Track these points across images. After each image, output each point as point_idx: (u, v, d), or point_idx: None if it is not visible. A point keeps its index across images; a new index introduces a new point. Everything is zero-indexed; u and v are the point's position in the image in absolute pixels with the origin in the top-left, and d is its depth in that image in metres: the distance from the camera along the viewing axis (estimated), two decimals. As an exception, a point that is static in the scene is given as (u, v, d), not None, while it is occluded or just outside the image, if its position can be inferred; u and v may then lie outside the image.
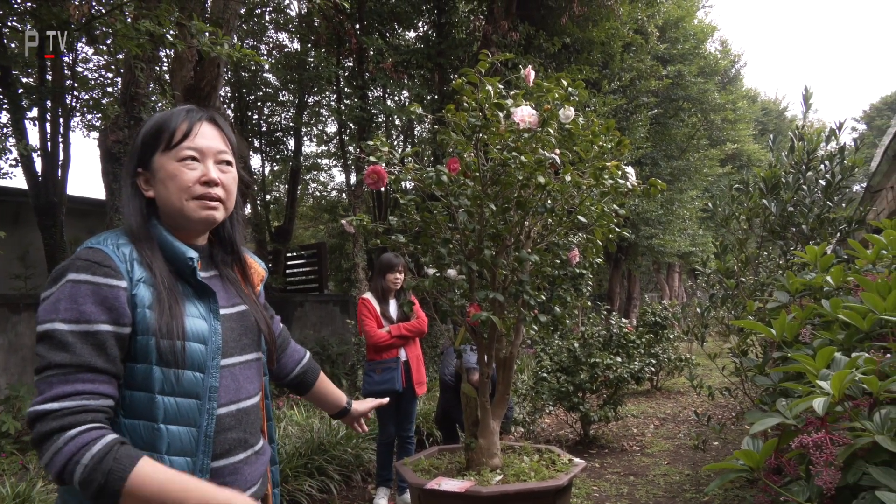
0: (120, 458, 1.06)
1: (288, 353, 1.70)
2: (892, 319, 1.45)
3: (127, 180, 1.32)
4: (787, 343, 1.92)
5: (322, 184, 18.27)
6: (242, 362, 1.34)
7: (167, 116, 1.32)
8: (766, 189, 4.09)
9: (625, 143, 2.91)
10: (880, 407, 1.31)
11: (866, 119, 42.86)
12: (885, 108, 39.47)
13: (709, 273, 4.49)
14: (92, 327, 1.13)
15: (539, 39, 9.33)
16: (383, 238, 2.92)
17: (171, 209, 1.28)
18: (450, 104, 2.80)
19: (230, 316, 1.34)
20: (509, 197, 2.81)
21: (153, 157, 1.29)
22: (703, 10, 18.89)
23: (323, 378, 1.77)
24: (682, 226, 15.88)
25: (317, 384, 1.75)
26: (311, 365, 1.75)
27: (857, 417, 1.31)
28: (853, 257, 2.34)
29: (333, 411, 1.80)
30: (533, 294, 2.86)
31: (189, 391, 1.20)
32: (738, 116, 17.73)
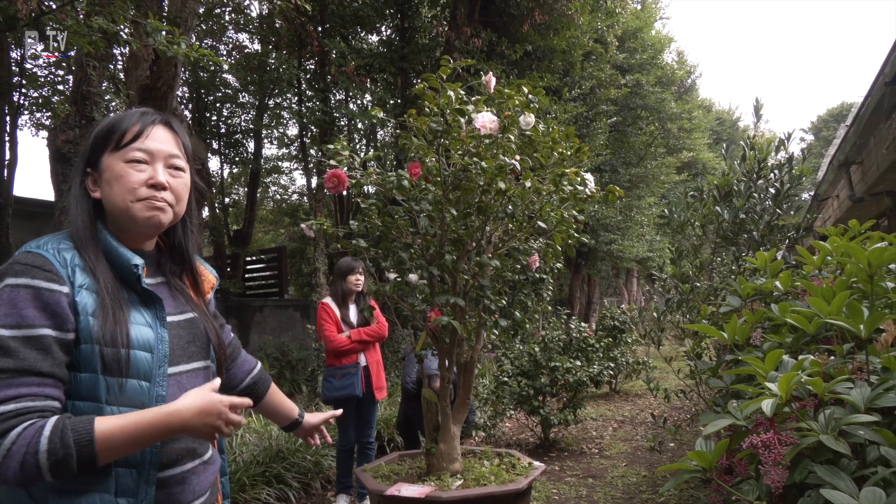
0: (76, 428, 1.05)
1: (238, 363, 1.65)
2: (836, 323, 1.51)
3: (75, 180, 1.28)
4: (739, 346, 1.98)
5: (283, 187, 18.04)
6: (189, 371, 1.31)
7: (121, 117, 1.29)
8: (719, 196, 4.21)
9: (584, 150, 2.96)
10: (825, 408, 1.35)
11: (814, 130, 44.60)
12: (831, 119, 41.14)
13: (665, 278, 4.60)
14: (34, 332, 1.09)
15: (501, 46, 9.42)
16: (344, 242, 2.90)
17: (116, 210, 1.25)
18: (411, 109, 2.80)
19: (177, 323, 1.31)
20: (470, 202, 2.82)
21: (102, 156, 1.26)
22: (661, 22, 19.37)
23: (274, 389, 1.72)
24: (640, 232, 16.22)
25: (268, 395, 1.69)
26: (262, 376, 1.70)
27: (803, 418, 1.36)
28: (801, 263, 2.42)
29: (284, 423, 1.73)
30: (494, 299, 2.88)
31: (133, 400, 1.17)
32: (693, 125, 18.23)
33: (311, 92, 10.14)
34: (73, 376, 1.14)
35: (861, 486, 1.13)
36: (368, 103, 11.32)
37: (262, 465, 4.37)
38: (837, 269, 2.24)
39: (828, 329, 1.75)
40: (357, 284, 4.19)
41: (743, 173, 4.42)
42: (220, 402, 1.17)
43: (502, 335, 3.05)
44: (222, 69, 11.05)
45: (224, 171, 13.99)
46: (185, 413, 1.14)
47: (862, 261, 1.58)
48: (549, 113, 9.41)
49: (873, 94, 7.84)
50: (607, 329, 8.75)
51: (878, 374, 1.45)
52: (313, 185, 10.61)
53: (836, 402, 1.40)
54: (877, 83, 7.59)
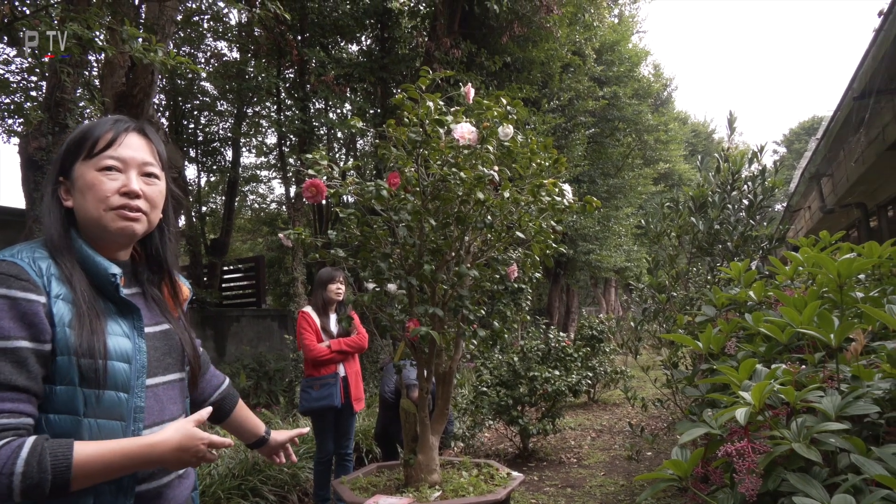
0: (55, 452, 1.04)
1: (207, 378, 1.62)
2: (808, 332, 1.54)
3: (48, 189, 1.26)
4: (714, 355, 2.01)
5: (261, 196, 17.90)
6: (166, 382, 1.29)
7: (94, 124, 1.27)
8: (694, 208, 4.27)
9: (562, 161, 2.99)
10: (797, 416, 1.38)
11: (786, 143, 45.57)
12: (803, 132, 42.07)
13: (642, 288, 4.64)
14: (10, 343, 1.07)
15: (481, 57, 9.48)
16: (322, 252, 2.89)
17: (88, 220, 1.23)
18: (391, 119, 2.80)
19: (154, 335, 1.29)
20: (449, 212, 2.83)
21: (74, 165, 1.24)
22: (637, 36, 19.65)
23: (241, 406, 1.69)
24: (617, 242, 16.37)
25: (234, 412, 1.66)
26: (229, 391, 1.67)
27: (776, 426, 1.37)
28: (774, 273, 2.46)
29: (250, 440, 1.69)
30: (473, 309, 2.88)
31: (112, 412, 1.15)
32: (669, 137, 18.52)
33: (290, 101, 10.10)
34: (48, 389, 1.11)
35: (832, 494, 1.15)
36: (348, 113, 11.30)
37: (237, 479, 4.31)
38: (809, 279, 2.29)
39: (800, 338, 1.78)
40: (338, 294, 4.17)
41: (717, 185, 4.50)
42: (199, 440, 1.17)
43: (481, 345, 3.05)
44: (200, 77, 10.97)
45: (201, 179, 13.87)
46: (164, 447, 1.13)
47: (832, 271, 1.62)
48: (527, 124, 9.49)
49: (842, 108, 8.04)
50: (586, 339, 8.80)
51: (848, 382, 1.48)
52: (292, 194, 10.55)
53: (808, 411, 1.42)
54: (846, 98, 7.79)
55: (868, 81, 6.67)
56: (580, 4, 10.48)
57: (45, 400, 1.11)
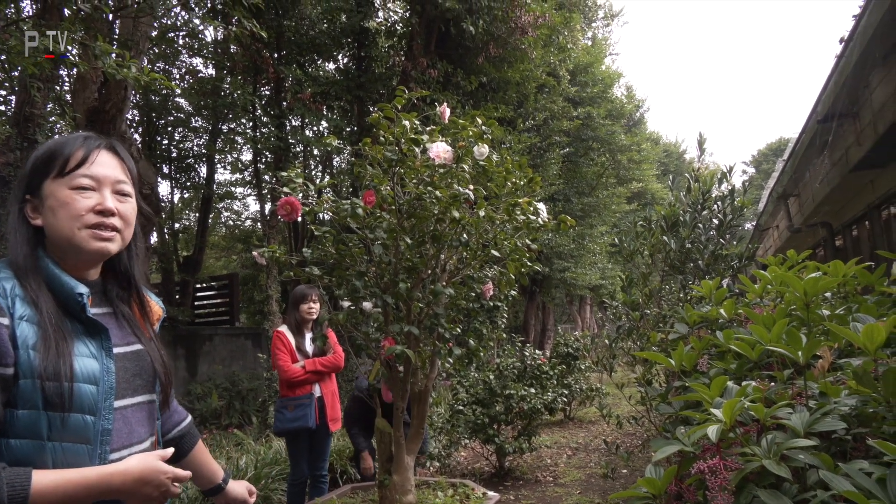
0: (12, 482, 1.00)
1: (168, 413, 1.57)
2: (777, 350, 1.56)
3: (14, 207, 1.23)
4: (686, 372, 2.03)
5: (235, 213, 17.73)
6: (134, 404, 1.26)
7: (62, 142, 1.25)
8: (666, 227, 4.33)
9: (537, 180, 3.02)
10: (767, 433, 1.39)
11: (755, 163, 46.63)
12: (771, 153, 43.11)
13: (616, 305, 4.68)
14: None
15: (457, 77, 9.57)
16: (297, 270, 2.86)
17: (59, 239, 1.21)
18: (367, 137, 2.81)
19: (124, 355, 1.27)
20: (425, 230, 2.83)
21: (43, 183, 1.22)
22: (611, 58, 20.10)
23: (201, 448, 1.63)
24: (592, 260, 16.52)
25: (192, 453, 1.60)
26: (190, 430, 1.62)
27: (747, 443, 1.39)
28: (744, 291, 2.51)
29: (206, 487, 1.62)
30: (448, 327, 2.88)
31: (77, 436, 1.12)
32: (642, 157, 18.83)
33: (266, 118, 10.06)
34: (9, 414, 1.07)
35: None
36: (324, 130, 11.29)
37: (207, 501, 4.20)
38: (777, 297, 2.33)
39: (769, 356, 1.81)
40: (310, 313, 4.10)
41: (688, 204, 4.58)
42: (162, 474, 1.15)
43: (457, 363, 3.04)
44: (175, 93, 10.88)
45: (174, 195, 13.69)
46: (125, 477, 1.11)
47: (798, 290, 1.65)
48: (503, 143, 9.58)
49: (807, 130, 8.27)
50: (561, 356, 8.83)
51: (816, 399, 1.50)
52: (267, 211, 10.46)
53: (778, 427, 1.44)
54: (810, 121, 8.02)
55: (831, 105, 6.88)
56: (554, 27, 10.67)
57: (5, 424, 1.08)
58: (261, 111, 10.14)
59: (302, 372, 3.98)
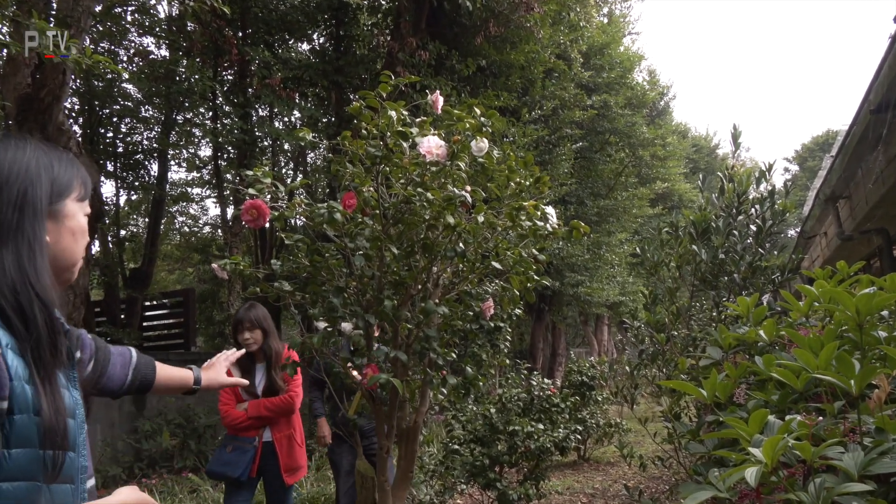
0: None
1: (109, 370, 1.69)
2: (825, 378, 1.57)
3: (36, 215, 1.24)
4: (721, 405, 2.03)
5: (192, 218, 17.71)
6: (87, 431, 1.32)
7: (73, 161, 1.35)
8: (696, 234, 4.35)
9: (545, 179, 3.03)
10: (815, 475, 1.39)
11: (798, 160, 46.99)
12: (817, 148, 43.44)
13: (638, 326, 4.69)
14: None
15: (451, 60, 9.62)
16: (264, 286, 2.86)
17: (66, 264, 1.29)
18: (346, 130, 2.81)
19: None
20: (414, 239, 2.83)
21: (65, 200, 1.28)
22: (630, 38, 20.24)
23: (161, 370, 1.80)
24: (610, 273, 16.56)
25: (156, 382, 1.78)
26: (140, 365, 1.76)
27: (791, 488, 1.39)
28: (786, 309, 2.52)
29: (181, 393, 1.90)
30: (441, 352, 2.87)
31: (65, 475, 1.17)
32: (667, 153, 18.94)
33: (228, 107, 10.08)
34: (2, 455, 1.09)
35: (856, 567, 1.16)
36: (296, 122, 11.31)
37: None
38: (826, 316, 2.34)
39: (817, 385, 1.81)
40: (248, 344, 3.83)
41: (721, 208, 4.60)
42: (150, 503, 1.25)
43: (452, 394, 3.03)
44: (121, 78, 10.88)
45: (120, 197, 13.65)
46: None
47: (850, 308, 1.66)
48: (505, 137, 9.62)
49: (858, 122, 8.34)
50: (574, 386, 8.83)
51: (871, 435, 1.50)
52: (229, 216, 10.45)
53: (828, 469, 1.44)
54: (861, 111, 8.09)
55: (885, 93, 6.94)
56: (564, 2, 10.75)
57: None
58: (222, 99, 10.15)
59: (243, 416, 3.84)
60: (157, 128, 12.60)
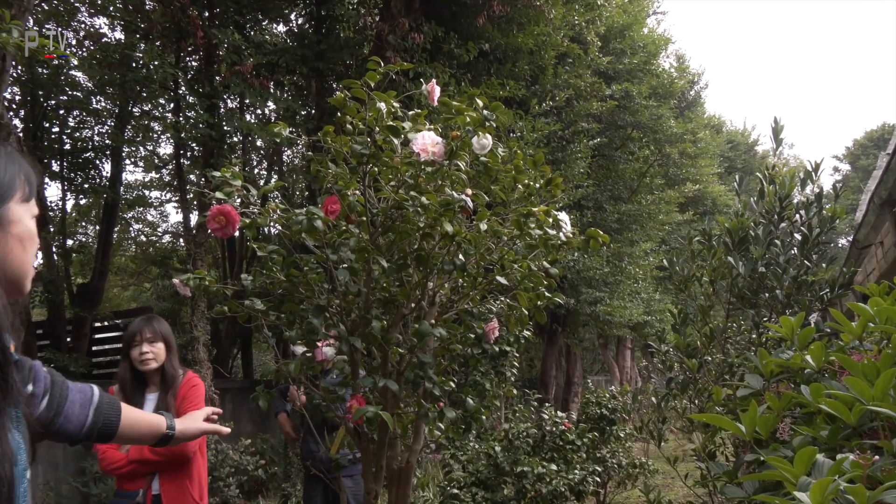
0: None
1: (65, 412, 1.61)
2: (882, 411, 1.56)
3: None
4: (762, 442, 2.02)
5: (150, 225, 17.71)
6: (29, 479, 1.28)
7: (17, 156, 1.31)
8: (732, 244, 4.36)
9: (557, 181, 3.04)
10: (871, 524, 1.39)
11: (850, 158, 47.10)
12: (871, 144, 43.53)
13: (666, 350, 4.68)
14: None
15: (450, 44, 9.66)
16: (233, 304, 2.86)
17: (14, 276, 1.25)
18: (328, 126, 2.82)
19: None
20: (406, 250, 2.83)
21: (8, 203, 1.25)
22: (654, 18, 20.36)
23: (125, 410, 1.73)
24: (633, 288, 16.56)
25: (121, 426, 1.71)
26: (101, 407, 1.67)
27: (844, 539, 1.38)
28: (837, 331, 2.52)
29: (153, 442, 1.84)
30: (438, 380, 2.87)
31: None
32: (699, 150, 18.98)
33: (192, 97, 10.09)
34: None
35: None
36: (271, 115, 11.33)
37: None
38: (883, 339, 2.34)
39: (872, 418, 1.81)
40: (143, 361, 3.43)
41: (761, 213, 4.60)
42: None
43: (450, 430, 3.02)
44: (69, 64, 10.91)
45: (67, 201, 13.66)
46: None
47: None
48: (511, 132, 9.64)
49: (919, 114, 8.35)
50: (592, 419, 8.80)
51: (936, 477, 1.50)
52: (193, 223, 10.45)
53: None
54: (923, 101, 8.11)
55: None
56: (580, -24, 10.82)
57: None
58: (185, 89, 10.17)
59: (124, 460, 3.38)
60: (111, 122, 12.62)
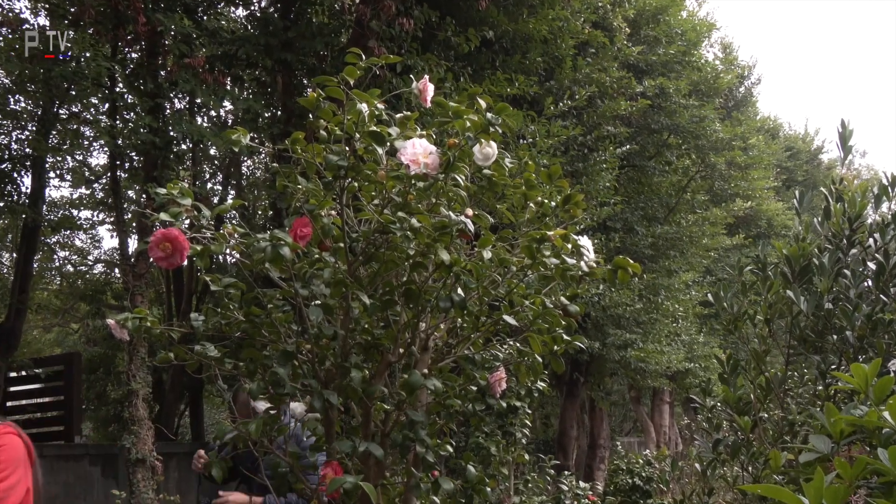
0: None
1: None
2: (977, 480, 1.57)
3: None
4: (830, 519, 2.02)
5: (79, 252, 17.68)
6: None
7: None
8: (791, 274, 4.36)
9: (577, 199, 3.04)
10: None
11: (935, 169, 47.21)
12: (960, 153, 43.63)
13: (712, 406, 4.67)
14: None
15: (446, 31, 9.69)
16: (179, 350, 2.85)
17: None
18: (297, 132, 2.83)
19: None
20: (393, 283, 2.83)
21: None
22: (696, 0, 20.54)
23: None
24: (672, 329, 16.50)
25: None
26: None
27: None
28: (921, 382, 2.51)
29: None
30: (432, 444, 2.86)
31: None
32: (750, 159, 18.98)
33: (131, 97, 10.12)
34: None
35: None
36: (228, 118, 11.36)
37: None
38: (976, 391, 2.34)
39: (966, 490, 1.81)
40: None
41: (827, 237, 4.61)
42: None
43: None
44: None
45: (-23, 225, 13.66)
46: None
47: None
48: (522, 138, 9.67)
49: None
50: (623, 491, 8.78)
51: None
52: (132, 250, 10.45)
53: None
54: None
55: None
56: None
57: None
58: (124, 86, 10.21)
59: None
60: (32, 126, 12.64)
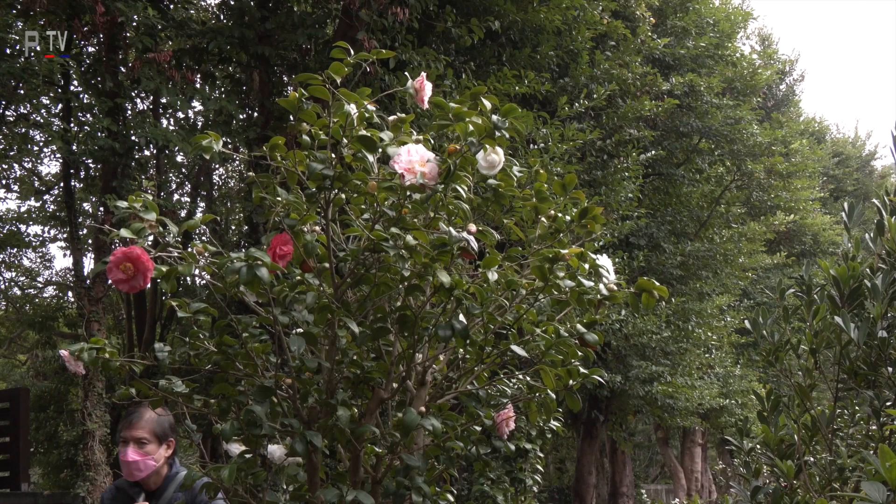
0: None
1: None
2: None
3: None
4: (885, 579, 2.02)
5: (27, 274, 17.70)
6: None
7: None
8: (840, 298, 4.36)
9: (595, 212, 3.05)
10: None
11: None
12: None
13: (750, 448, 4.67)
14: None
15: (445, 21, 9.73)
16: (141, 385, 2.85)
17: None
18: (277, 136, 2.84)
19: None
20: (386, 309, 2.84)
21: None
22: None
23: None
24: (704, 360, 16.47)
25: None
26: None
27: None
28: None
29: None
30: (430, 492, 2.86)
31: None
32: (793, 166, 18.99)
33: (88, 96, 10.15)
34: None
35: None
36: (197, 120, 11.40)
37: None
38: None
39: None
40: None
41: (881, 255, 4.62)
42: None
43: (448, 563, 3.01)
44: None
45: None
46: None
47: None
48: (532, 143, 9.69)
49: None
50: (648, 546, 8.75)
51: None
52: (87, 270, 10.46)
53: None
54: None
55: None
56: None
57: None
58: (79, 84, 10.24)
59: None
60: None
